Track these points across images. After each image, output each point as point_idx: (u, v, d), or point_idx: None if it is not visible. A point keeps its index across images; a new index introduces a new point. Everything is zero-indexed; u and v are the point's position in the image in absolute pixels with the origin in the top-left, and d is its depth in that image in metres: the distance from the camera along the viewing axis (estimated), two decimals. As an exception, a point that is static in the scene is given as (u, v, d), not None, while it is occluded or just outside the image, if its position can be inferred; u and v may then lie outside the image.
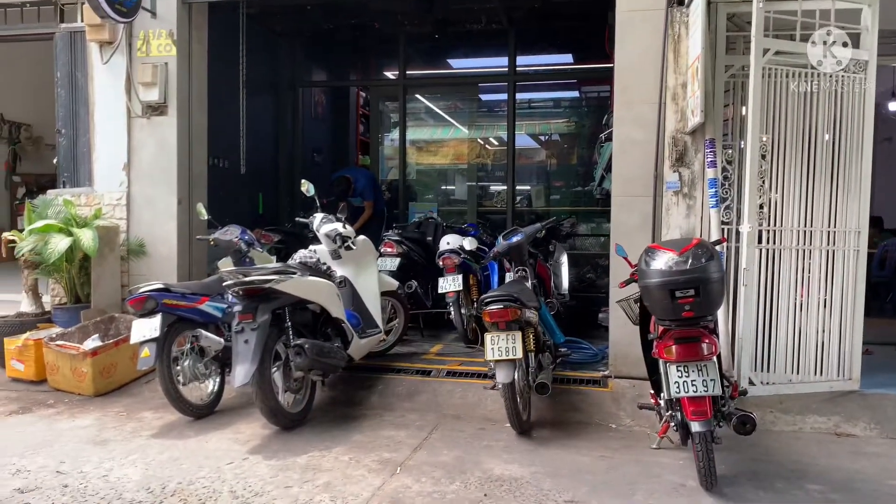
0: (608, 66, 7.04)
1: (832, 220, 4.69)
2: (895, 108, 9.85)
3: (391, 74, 10.37)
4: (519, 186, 9.96)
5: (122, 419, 4.72)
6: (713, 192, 4.70)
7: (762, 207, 4.63)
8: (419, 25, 9.03)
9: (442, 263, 6.11)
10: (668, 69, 4.92)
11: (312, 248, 5.36)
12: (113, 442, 4.28)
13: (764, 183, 4.63)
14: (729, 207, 4.77)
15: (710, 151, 4.69)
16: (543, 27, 8.80)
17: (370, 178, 8.99)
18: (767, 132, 4.61)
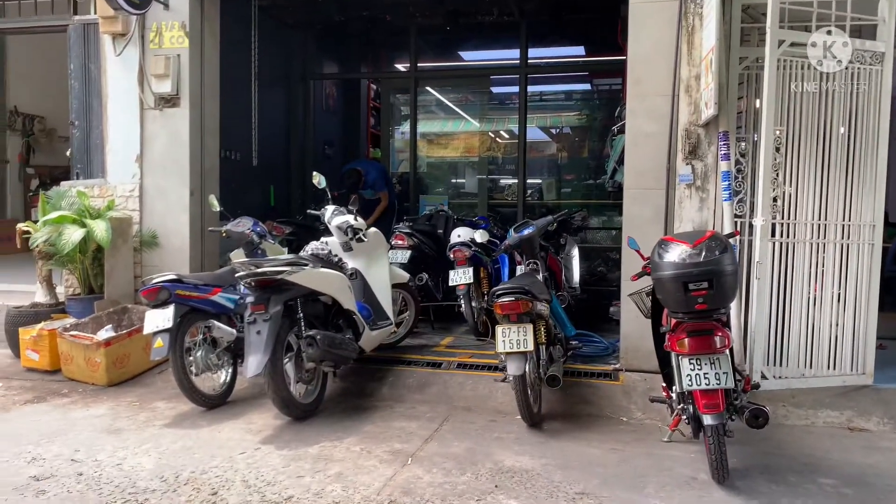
0: (620, 58, 7.01)
1: (846, 213, 4.65)
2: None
3: (402, 67, 10.36)
4: (530, 180, 9.94)
5: (135, 409, 4.76)
6: (726, 184, 4.67)
7: (776, 200, 4.59)
8: (430, 17, 9.02)
9: (453, 256, 6.11)
10: (681, 61, 4.88)
11: (324, 239, 5.38)
12: (126, 431, 4.31)
13: (778, 176, 4.59)
14: (742, 201, 4.74)
15: (723, 144, 4.66)
16: (555, 19, 8.76)
17: (381, 170, 8.99)
18: (782, 125, 4.58)
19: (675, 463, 3.81)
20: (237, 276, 4.43)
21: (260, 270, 4.29)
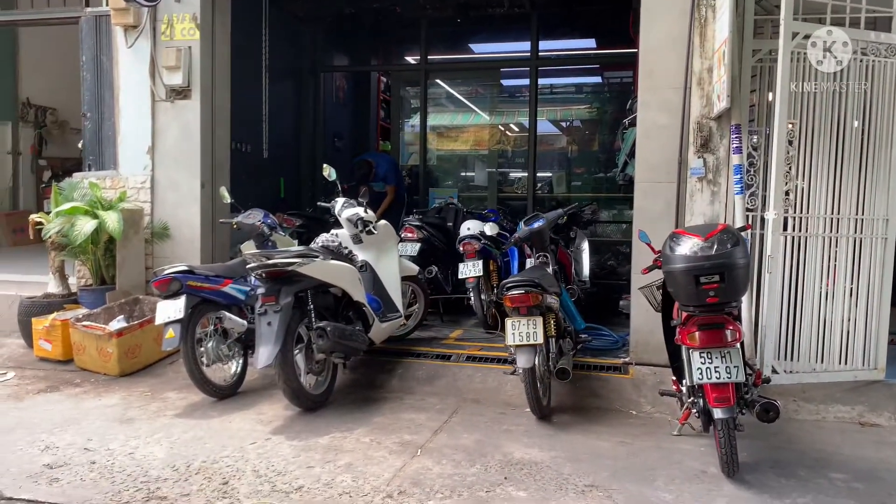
0: (632, 50, 6.98)
1: (860, 207, 4.61)
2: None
3: (412, 59, 10.34)
4: (540, 173, 9.92)
5: (146, 399, 4.80)
6: (738, 178, 4.64)
7: (788, 194, 4.56)
8: (441, 10, 8.99)
9: (462, 249, 6.11)
10: (693, 53, 4.85)
11: (334, 232, 5.39)
12: (138, 421, 4.35)
13: (790, 169, 4.56)
14: (754, 194, 4.71)
15: (735, 137, 4.63)
16: (566, 11, 8.72)
17: (392, 162, 9.00)
18: (794, 118, 4.54)
19: (684, 456, 3.81)
20: (248, 267, 4.45)
21: (271, 262, 4.31)
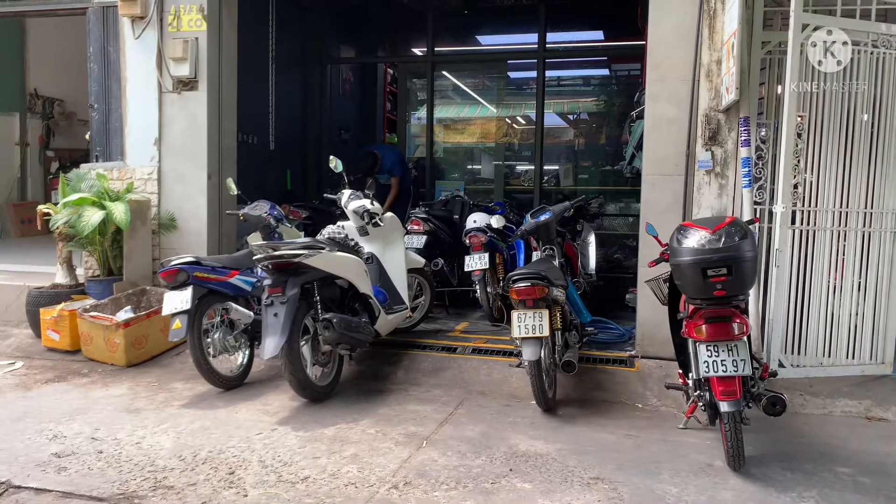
0: (640, 42, 6.94)
1: (869, 201, 4.59)
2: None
3: (419, 51, 10.32)
4: (547, 166, 9.89)
5: (153, 389, 4.82)
6: (746, 171, 4.62)
7: (796, 187, 4.54)
8: (448, 1, 8.95)
9: (468, 241, 6.10)
10: (702, 45, 4.82)
11: (340, 224, 5.39)
12: (145, 411, 4.37)
13: (799, 163, 4.54)
14: (762, 187, 4.69)
15: (744, 130, 4.60)
16: (574, 3, 8.69)
17: (398, 155, 9.00)
18: (804, 111, 4.51)
19: (690, 450, 3.81)
20: (255, 258, 4.46)
21: (277, 253, 4.32)
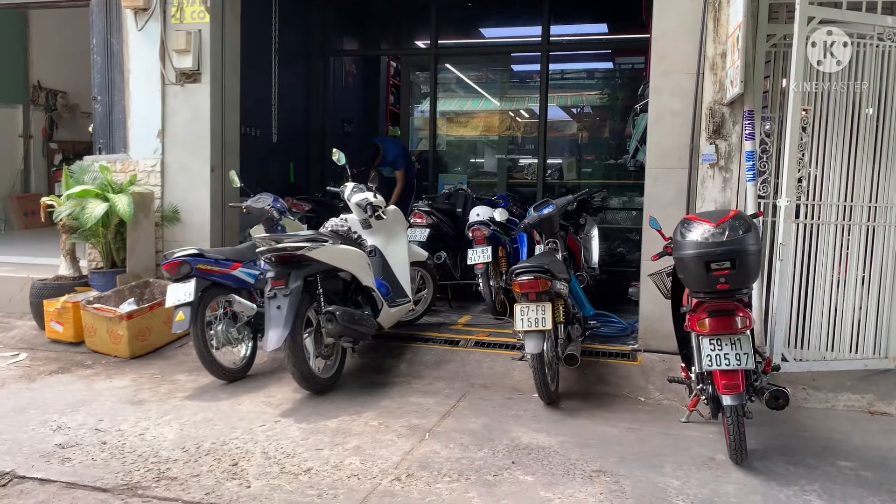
0: (644, 35, 6.91)
1: (873, 195, 4.57)
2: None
3: (422, 44, 10.29)
4: (550, 159, 9.87)
5: (157, 381, 4.83)
6: (750, 164, 4.60)
7: (801, 181, 4.52)
8: (451, -7, 8.93)
9: (471, 235, 6.10)
10: (707, 38, 4.80)
11: (343, 216, 5.39)
12: (149, 402, 4.38)
13: (803, 156, 4.52)
14: (766, 181, 4.67)
15: (748, 123, 4.59)
16: (579, -5, 8.64)
17: (402, 147, 9.00)
18: (808, 104, 4.49)
19: (692, 443, 3.81)
20: (258, 251, 4.46)
21: (280, 246, 4.32)
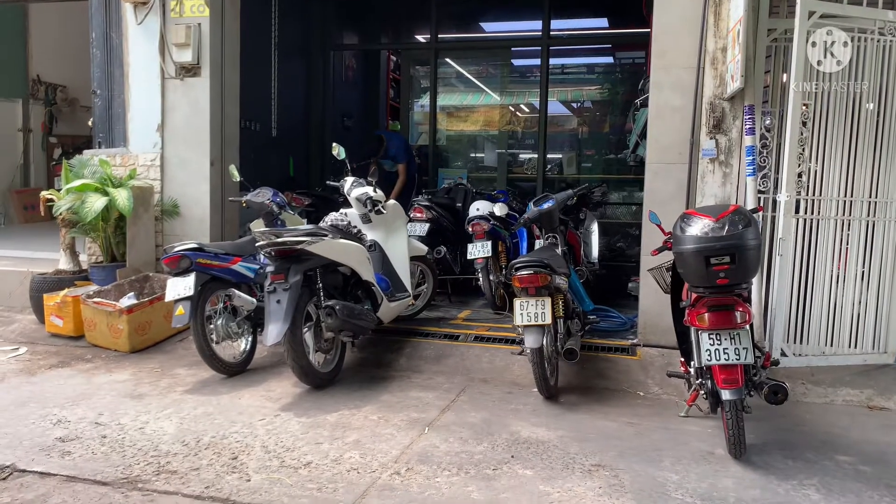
0: (645, 30, 6.89)
1: (873, 190, 4.57)
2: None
3: (422, 38, 10.27)
4: (550, 154, 9.86)
5: (157, 375, 4.84)
6: (750, 159, 4.60)
7: (801, 176, 4.52)
8: (452, -13, 8.91)
9: (471, 229, 6.10)
10: (707, 32, 4.79)
11: (343, 211, 5.39)
12: (149, 396, 4.39)
13: (804, 151, 4.51)
14: (766, 176, 4.67)
15: (748, 118, 4.58)
16: (579, -10, 8.62)
17: (404, 142, 9.01)
18: (809, 99, 4.49)
19: (691, 437, 3.82)
20: (257, 245, 4.46)
21: (280, 240, 4.32)
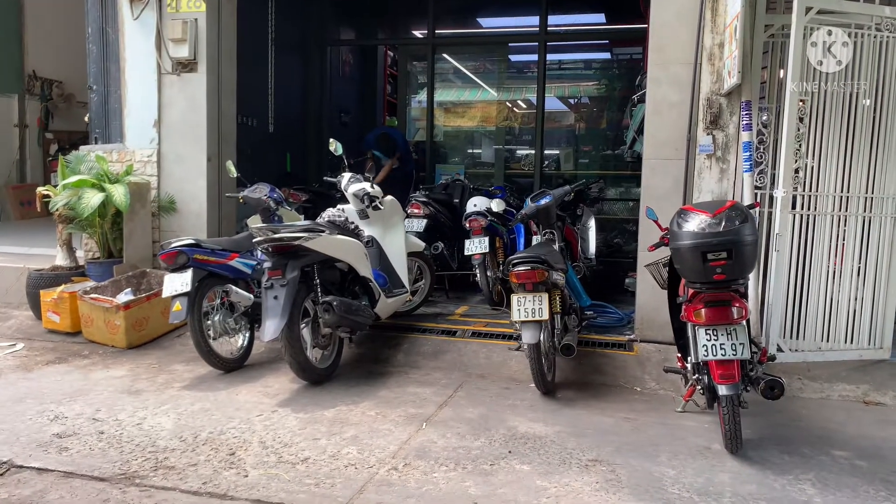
0: (642, 26, 6.90)
1: (870, 186, 4.58)
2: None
3: (420, 34, 10.26)
4: (547, 150, 9.87)
5: (154, 371, 4.84)
6: (747, 155, 4.60)
7: (797, 172, 4.52)
8: (449, -18, 8.90)
9: (468, 225, 6.10)
10: (704, 28, 4.79)
11: (340, 207, 5.38)
12: (146, 392, 4.39)
13: (800, 147, 4.52)
14: (763, 172, 4.68)
15: (745, 114, 4.58)
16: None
17: (402, 135, 9.06)
18: (806, 95, 4.49)
19: (688, 433, 3.83)
20: (254, 241, 4.46)
21: (277, 236, 4.31)
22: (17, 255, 7.04)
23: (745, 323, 3.50)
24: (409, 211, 6.46)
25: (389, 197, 5.58)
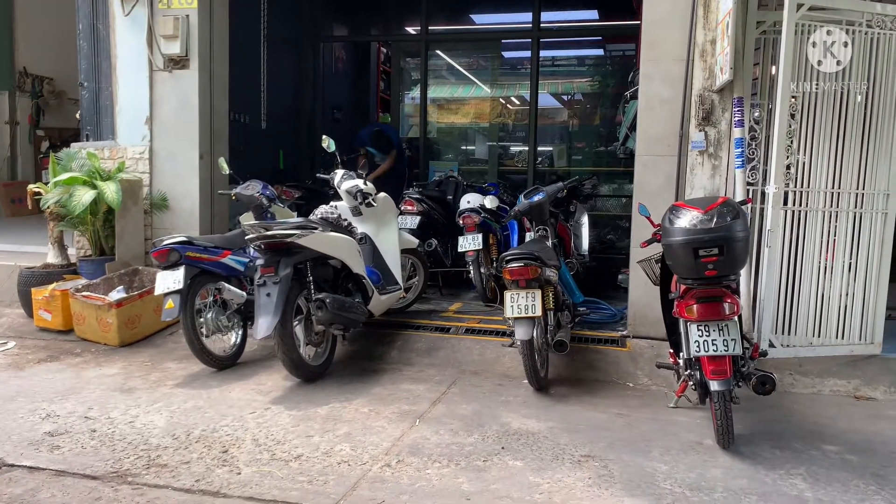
0: (635, 22, 6.89)
1: (861, 182, 4.59)
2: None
3: (413, 30, 10.24)
4: (540, 146, 9.87)
5: (146, 368, 4.82)
6: (739, 152, 4.61)
7: (789, 168, 4.54)
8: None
9: (462, 222, 6.11)
10: (697, 25, 4.80)
11: (333, 204, 5.38)
12: (139, 390, 4.38)
13: (792, 143, 4.53)
14: (755, 168, 4.69)
15: (737, 110, 4.59)
16: (569, -19, 8.62)
17: (396, 132, 9.05)
18: (798, 91, 4.50)
19: (680, 428, 3.84)
20: (247, 238, 4.45)
21: (270, 233, 4.31)
22: (8, 252, 7.00)
23: (736, 319, 3.51)
24: (402, 208, 6.46)
25: (383, 194, 5.58)
